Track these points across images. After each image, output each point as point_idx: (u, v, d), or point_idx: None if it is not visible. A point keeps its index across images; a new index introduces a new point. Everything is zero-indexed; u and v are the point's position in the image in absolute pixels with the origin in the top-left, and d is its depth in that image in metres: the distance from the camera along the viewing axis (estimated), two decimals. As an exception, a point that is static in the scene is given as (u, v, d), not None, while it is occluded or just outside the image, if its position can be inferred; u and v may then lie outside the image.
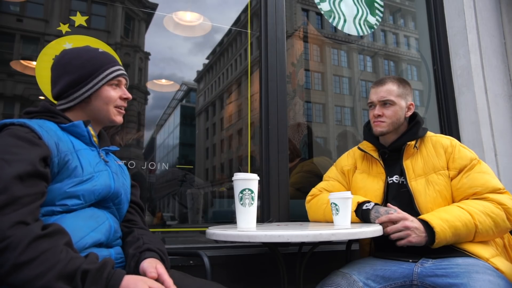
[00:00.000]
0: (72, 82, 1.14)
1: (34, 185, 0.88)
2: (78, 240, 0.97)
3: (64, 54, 1.19)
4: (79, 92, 1.14)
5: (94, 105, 1.17)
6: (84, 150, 1.09)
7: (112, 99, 1.18)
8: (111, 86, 1.19)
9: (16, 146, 0.91)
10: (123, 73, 1.23)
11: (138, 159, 2.26)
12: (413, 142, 1.60)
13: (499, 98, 2.67)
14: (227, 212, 2.52)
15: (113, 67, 1.20)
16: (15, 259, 0.75)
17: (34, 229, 0.80)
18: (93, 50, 1.21)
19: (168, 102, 2.74)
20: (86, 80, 1.15)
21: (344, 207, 1.39)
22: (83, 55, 1.17)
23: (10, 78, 1.96)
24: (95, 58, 1.18)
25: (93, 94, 1.16)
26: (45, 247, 0.79)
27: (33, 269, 0.76)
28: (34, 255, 0.77)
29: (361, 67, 3.38)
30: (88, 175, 1.05)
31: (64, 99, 1.16)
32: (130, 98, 1.24)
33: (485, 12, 2.80)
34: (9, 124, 0.99)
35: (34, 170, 0.89)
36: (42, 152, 0.94)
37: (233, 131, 2.89)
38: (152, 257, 1.08)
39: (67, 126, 1.09)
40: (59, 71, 1.17)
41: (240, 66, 2.93)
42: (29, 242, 0.78)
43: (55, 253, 0.80)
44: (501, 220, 1.38)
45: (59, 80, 1.16)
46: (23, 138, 0.94)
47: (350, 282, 1.36)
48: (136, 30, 2.39)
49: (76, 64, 1.15)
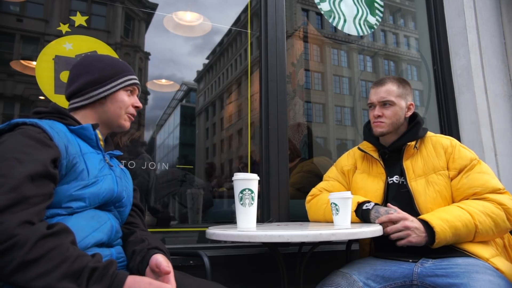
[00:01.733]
0: (91, 81, 1.18)
1: (44, 186, 0.89)
2: (81, 240, 0.97)
3: (86, 57, 1.25)
4: (97, 91, 1.18)
5: (107, 107, 1.21)
6: (91, 153, 1.10)
7: (126, 104, 1.23)
8: (127, 92, 1.25)
9: (28, 146, 0.92)
10: (138, 83, 1.30)
11: (138, 159, 2.26)
12: (413, 142, 1.60)
13: (499, 98, 2.67)
14: (226, 212, 2.52)
15: (132, 75, 1.27)
16: (23, 257, 0.76)
17: (40, 228, 0.81)
18: (114, 58, 1.29)
19: (168, 102, 2.74)
20: (106, 81, 1.19)
21: (344, 207, 1.39)
22: (105, 60, 1.24)
23: (10, 78, 1.96)
24: (116, 64, 1.25)
25: (109, 96, 1.20)
26: (51, 245, 0.80)
27: (40, 267, 0.77)
28: (41, 253, 0.78)
29: (361, 67, 3.37)
30: (94, 178, 1.06)
31: (79, 97, 1.18)
32: (141, 107, 1.29)
33: (485, 12, 2.80)
34: (21, 124, 0.99)
35: (45, 171, 0.90)
36: (53, 154, 0.95)
37: (233, 131, 2.89)
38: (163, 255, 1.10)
39: (76, 129, 1.10)
40: (80, 70, 1.21)
41: (240, 66, 2.93)
42: (36, 240, 0.78)
43: (62, 251, 0.81)
44: (501, 220, 1.39)
45: (78, 79, 1.19)
46: (35, 138, 0.94)
47: (350, 282, 1.36)
48: (136, 30, 2.39)
49: (98, 66, 1.21)
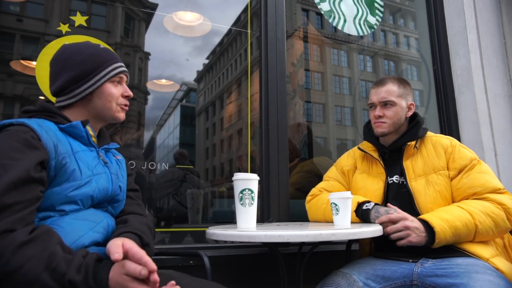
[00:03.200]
0: (73, 78, 1.10)
1: (28, 191, 0.87)
2: (77, 239, 0.95)
3: (64, 49, 1.15)
4: (81, 89, 1.11)
5: (96, 102, 1.14)
6: (83, 151, 1.06)
7: (114, 96, 1.15)
8: (113, 83, 1.16)
9: (14, 150, 0.89)
10: (125, 70, 1.20)
11: (138, 159, 2.26)
12: (413, 142, 1.60)
13: (499, 98, 2.67)
14: (226, 212, 2.52)
15: (115, 63, 1.17)
16: (1, 269, 0.75)
17: (19, 236, 0.79)
18: (94, 45, 1.17)
19: (168, 102, 2.74)
20: (88, 76, 1.11)
21: (344, 207, 1.39)
22: (85, 51, 1.13)
23: (10, 78, 1.95)
24: (97, 54, 1.14)
25: (95, 91, 1.12)
26: (30, 253, 0.78)
27: (21, 276, 0.76)
28: (21, 262, 0.77)
29: (361, 67, 3.37)
30: (87, 178, 1.02)
31: (64, 95, 1.12)
32: (131, 95, 1.21)
33: (485, 12, 2.80)
34: (8, 125, 0.96)
35: (28, 176, 0.87)
36: (40, 156, 0.92)
37: (233, 131, 2.88)
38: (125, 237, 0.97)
39: (65, 127, 1.06)
40: (59, 66, 1.12)
41: (240, 66, 2.93)
42: (13, 250, 0.77)
43: (42, 258, 0.79)
44: (501, 220, 1.39)
45: (58, 76, 1.12)
46: (21, 140, 0.91)
47: (350, 282, 1.36)
48: (136, 30, 2.39)
49: (77, 59, 1.11)
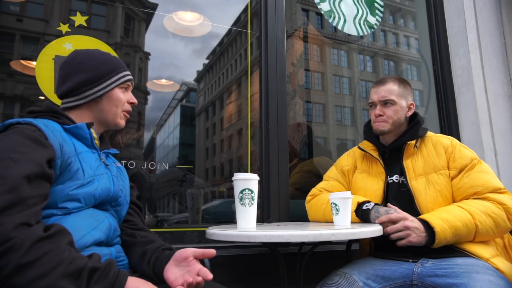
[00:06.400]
0: (85, 80, 1.15)
1: (40, 187, 0.88)
2: (79, 238, 0.97)
3: (77, 54, 1.20)
4: (92, 91, 1.15)
5: (103, 106, 1.18)
6: (86, 153, 1.09)
7: (121, 102, 1.22)
8: (121, 89, 1.22)
9: (23, 145, 0.90)
10: (132, 79, 1.27)
11: (138, 159, 2.26)
12: (413, 141, 1.60)
13: (499, 98, 2.67)
14: (226, 212, 2.52)
15: (125, 71, 1.24)
16: (18, 261, 0.75)
17: (37, 231, 0.80)
18: (105, 53, 1.24)
19: (168, 102, 2.74)
20: (100, 80, 1.16)
21: (344, 207, 1.39)
22: (97, 57, 1.20)
23: (10, 78, 1.95)
24: (109, 61, 1.21)
25: (105, 94, 1.18)
26: (47, 248, 0.79)
27: (36, 270, 0.76)
28: (37, 256, 0.77)
29: (361, 67, 3.37)
30: (89, 178, 1.04)
31: (73, 96, 1.16)
32: (136, 103, 1.27)
33: (485, 12, 2.80)
34: (15, 123, 0.98)
35: (41, 171, 0.88)
36: (48, 154, 0.94)
37: (233, 131, 2.88)
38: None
39: (70, 128, 1.08)
40: (71, 69, 1.17)
41: (240, 66, 2.93)
42: (32, 243, 0.78)
43: (58, 253, 0.80)
44: (502, 220, 1.38)
45: (70, 78, 1.15)
46: (30, 137, 0.93)
47: (350, 282, 1.36)
48: (136, 30, 2.39)
49: (91, 63, 1.17)
